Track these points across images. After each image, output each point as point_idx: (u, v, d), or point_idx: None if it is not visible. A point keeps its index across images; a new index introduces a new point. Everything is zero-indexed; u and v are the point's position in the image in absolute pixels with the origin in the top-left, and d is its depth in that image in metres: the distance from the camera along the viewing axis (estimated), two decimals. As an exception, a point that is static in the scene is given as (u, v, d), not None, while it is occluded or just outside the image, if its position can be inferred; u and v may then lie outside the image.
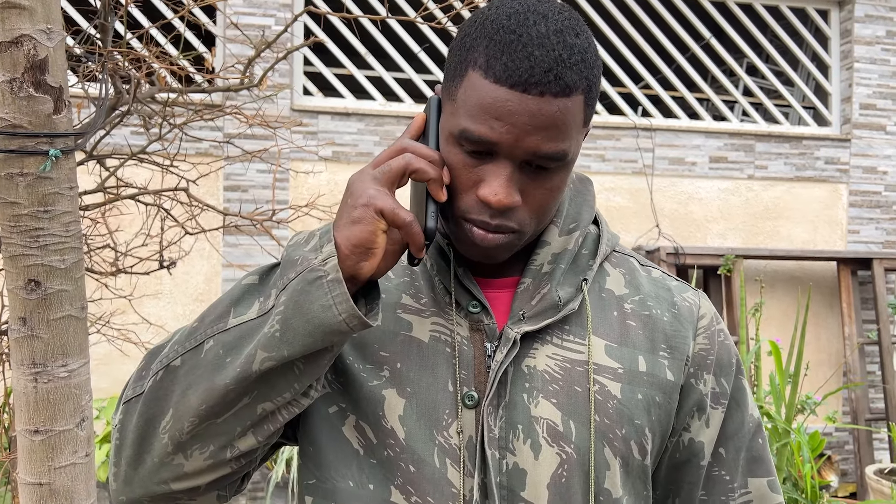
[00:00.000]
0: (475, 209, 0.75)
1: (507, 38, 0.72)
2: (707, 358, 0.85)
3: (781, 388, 3.01)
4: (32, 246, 1.23)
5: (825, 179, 5.06)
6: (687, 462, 0.86)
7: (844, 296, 4.82)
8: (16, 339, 1.27)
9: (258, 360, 0.71)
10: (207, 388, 0.73)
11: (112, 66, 1.94)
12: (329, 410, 0.82)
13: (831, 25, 5.21)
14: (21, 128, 1.19)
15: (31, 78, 1.18)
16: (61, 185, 1.25)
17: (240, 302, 0.76)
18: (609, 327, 0.83)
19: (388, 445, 0.79)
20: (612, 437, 0.79)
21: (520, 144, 0.72)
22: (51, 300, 1.25)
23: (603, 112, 4.94)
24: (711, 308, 0.90)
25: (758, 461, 0.89)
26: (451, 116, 0.75)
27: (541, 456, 0.78)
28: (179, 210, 2.59)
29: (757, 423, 0.90)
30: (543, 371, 0.80)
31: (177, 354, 0.76)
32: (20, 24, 1.16)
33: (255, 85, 2.24)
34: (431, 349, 0.81)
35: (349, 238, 0.71)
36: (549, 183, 0.76)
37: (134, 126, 3.09)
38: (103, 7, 1.83)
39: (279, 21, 4.28)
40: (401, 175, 0.73)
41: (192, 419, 0.73)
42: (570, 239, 0.84)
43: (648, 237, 4.77)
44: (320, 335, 0.70)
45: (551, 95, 0.71)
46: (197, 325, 0.77)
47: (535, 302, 0.81)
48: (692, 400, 0.85)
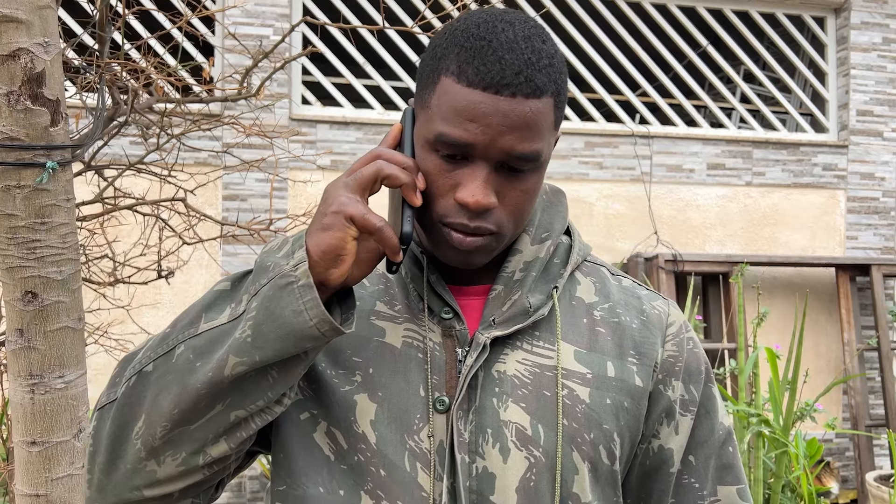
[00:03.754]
0: (453, 213, 0.77)
1: (478, 45, 0.74)
2: (675, 365, 0.87)
3: (779, 396, 3.00)
4: (29, 258, 1.23)
5: (823, 186, 5.07)
6: (657, 469, 0.87)
7: (843, 302, 4.82)
8: (13, 351, 1.27)
9: (230, 365, 0.71)
10: (179, 392, 0.73)
11: (110, 76, 1.95)
12: (301, 417, 0.82)
13: (828, 32, 5.23)
14: (18, 140, 1.20)
15: (29, 91, 1.18)
16: (58, 196, 1.25)
17: (211, 307, 0.77)
18: (578, 333, 0.85)
19: (359, 450, 0.79)
20: (581, 441, 0.80)
21: (494, 145, 0.74)
22: (48, 312, 1.26)
23: (601, 120, 4.95)
24: (681, 316, 0.91)
25: (728, 469, 0.89)
26: (426, 123, 0.77)
27: (510, 460, 0.78)
28: (177, 220, 2.59)
29: (727, 431, 0.91)
30: (513, 376, 0.81)
31: (149, 360, 0.76)
32: (17, 37, 1.17)
33: (252, 95, 2.25)
34: (404, 355, 0.81)
35: (318, 244, 0.72)
36: (524, 185, 0.78)
37: (132, 136, 3.10)
38: (101, 18, 1.84)
39: (277, 31, 4.29)
40: (373, 181, 0.74)
41: (164, 424, 0.74)
42: (541, 248, 0.85)
43: (647, 244, 4.78)
44: (291, 340, 0.71)
45: (523, 96, 0.73)
46: (169, 331, 0.78)
47: (506, 308, 0.82)
48: (661, 406, 0.86)
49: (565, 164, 4.75)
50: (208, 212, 4.00)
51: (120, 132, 2.09)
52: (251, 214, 4.10)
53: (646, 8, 4.99)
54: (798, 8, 5.16)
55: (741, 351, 3.10)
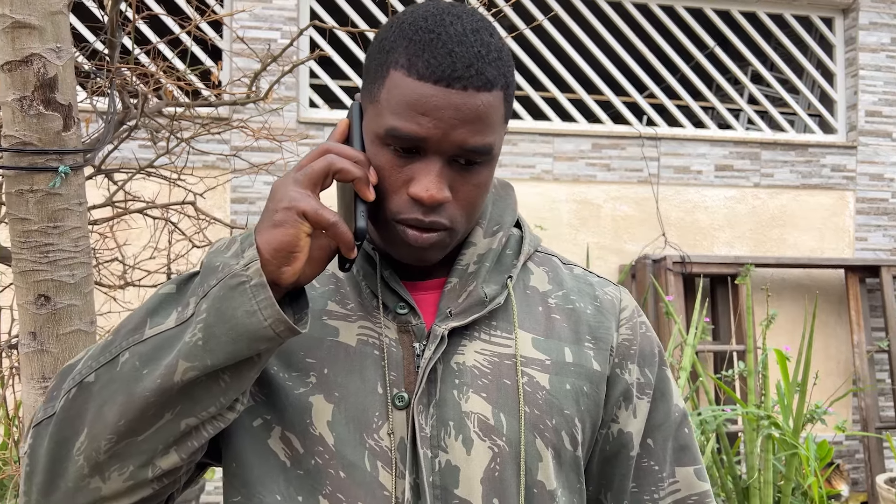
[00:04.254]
0: (407, 208, 0.75)
1: (427, 38, 0.73)
2: (630, 348, 0.87)
3: (789, 398, 2.99)
4: (42, 261, 1.24)
5: (832, 187, 5.05)
6: (617, 454, 0.87)
7: (853, 304, 4.80)
8: (26, 354, 1.28)
9: (180, 371, 0.68)
10: (125, 402, 0.70)
11: (120, 81, 1.96)
12: (253, 424, 0.79)
13: (836, 33, 5.21)
14: (31, 145, 1.21)
15: (41, 96, 1.19)
16: (70, 200, 1.26)
17: (156, 312, 0.73)
18: (535, 321, 0.85)
19: (316, 453, 0.77)
20: (543, 427, 0.80)
21: (447, 139, 0.73)
22: (60, 315, 1.27)
23: (608, 121, 4.95)
24: (633, 301, 0.92)
25: (685, 450, 0.90)
26: (376, 118, 0.76)
27: (473, 451, 0.78)
28: (186, 223, 2.61)
29: (682, 413, 0.91)
30: (472, 366, 0.80)
31: (90, 370, 0.72)
32: (30, 43, 1.18)
33: (261, 98, 2.26)
34: (359, 353, 0.80)
35: (270, 242, 0.69)
36: (477, 178, 0.77)
37: (141, 140, 3.12)
38: (111, 23, 1.85)
39: (285, 34, 4.31)
40: (324, 176, 0.72)
41: (109, 437, 0.70)
42: (494, 239, 0.85)
43: (654, 246, 4.77)
44: (245, 342, 0.68)
45: (474, 89, 0.73)
46: (112, 339, 0.74)
47: (462, 299, 0.82)
48: (618, 390, 0.86)
49: (572, 165, 4.74)
50: (217, 215, 4.02)
51: (130, 136, 2.10)
52: (259, 217, 4.11)
53: (652, 9, 4.99)
54: (806, 9, 5.14)
55: (750, 353, 3.09)
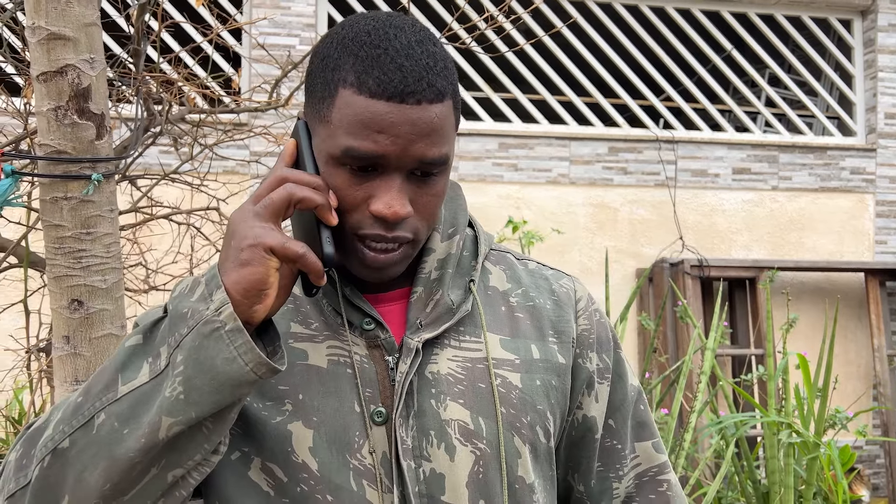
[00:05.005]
0: (367, 224, 0.75)
1: (374, 53, 0.72)
2: (589, 337, 0.90)
3: (810, 403, 2.98)
4: (75, 267, 1.27)
5: (851, 190, 5.01)
6: (582, 438, 0.90)
7: (873, 307, 4.76)
8: (59, 357, 1.31)
9: (164, 427, 0.67)
10: (108, 465, 0.67)
11: (145, 89, 2.00)
12: (232, 458, 0.78)
13: (854, 35, 5.18)
14: (65, 153, 1.24)
15: (75, 106, 1.22)
16: (102, 207, 1.29)
17: (126, 366, 0.70)
18: (500, 322, 0.86)
19: (300, 480, 0.76)
20: (520, 425, 0.82)
21: (406, 154, 0.73)
22: (93, 319, 1.29)
23: (624, 125, 4.94)
24: (586, 290, 0.94)
25: (642, 426, 0.94)
26: (329, 138, 0.74)
27: (456, 457, 0.79)
28: (209, 228, 2.64)
29: (637, 391, 0.95)
30: (447, 374, 0.81)
31: (64, 435, 0.69)
32: (65, 54, 1.21)
33: (281, 105, 2.29)
34: (331, 374, 0.79)
35: (239, 282, 0.67)
36: (434, 188, 0.77)
37: (162, 146, 3.16)
38: (137, 33, 1.89)
39: (303, 41, 4.35)
40: (285, 207, 0.70)
41: (95, 502, 0.68)
42: (451, 243, 0.85)
43: (672, 249, 4.76)
44: (228, 390, 0.67)
45: (427, 102, 0.73)
46: (82, 400, 0.71)
47: (430, 309, 0.82)
48: (582, 378, 0.89)
49: (589, 169, 4.75)
50: (236, 220, 4.05)
51: (154, 142, 2.14)
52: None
53: (669, 12, 4.98)
54: (824, 11, 5.11)
55: (769, 357, 3.08)
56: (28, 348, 2.02)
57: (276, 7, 4.37)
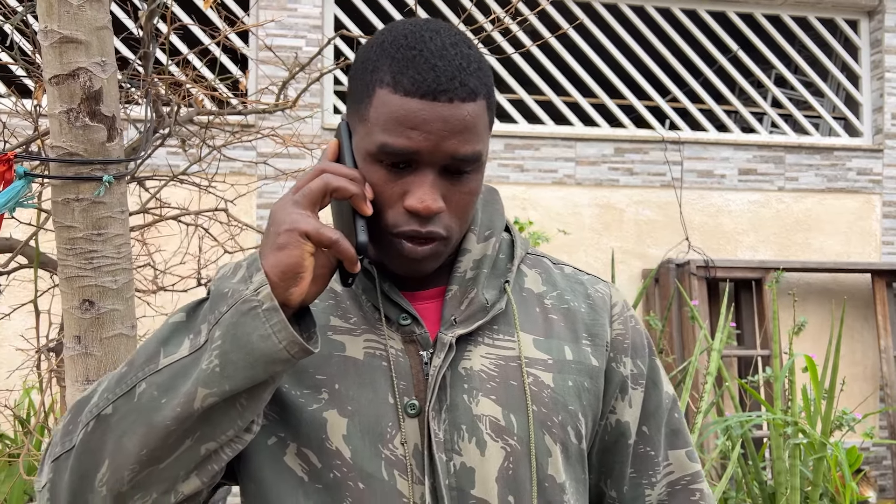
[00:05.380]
0: (404, 221, 0.78)
1: (409, 54, 0.76)
2: (623, 342, 0.91)
3: (817, 403, 2.98)
4: (87, 267, 1.28)
5: (857, 190, 5.00)
6: (615, 443, 0.91)
7: (879, 308, 4.75)
8: (70, 357, 1.32)
9: (199, 398, 0.70)
10: (146, 432, 0.71)
11: (154, 91, 2.01)
12: (268, 442, 0.81)
13: (861, 35, 5.17)
14: (77, 155, 1.25)
15: (87, 108, 1.24)
16: (113, 209, 1.31)
17: (169, 341, 0.75)
18: (534, 323, 0.88)
19: (334, 467, 0.79)
20: (551, 424, 0.83)
21: (438, 150, 0.76)
22: (104, 319, 1.31)
23: (630, 125, 4.94)
24: (622, 296, 0.95)
25: (676, 434, 0.95)
26: (366, 136, 0.78)
27: (487, 452, 0.80)
28: (217, 229, 2.66)
29: (672, 399, 0.95)
30: (480, 371, 0.83)
31: (107, 402, 0.73)
32: (77, 57, 1.23)
33: (289, 106, 2.30)
34: (368, 365, 0.82)
35: (276, 265, 0.71)
36: (468, 186, 0.80)
37: (170, 147, 3.18)
38: (146, 36, 1.90)
39: (310, 42, 4.37)
40: (322, 195, 0.74)
41: (132, 467, 0.72)
42: (487, 245, 0.88)
43: (678, 250, 4.76)
44: (262, 366, 0.70)
45: (459, 100, 0.76)
46: (126, 371, 0.75)
47: (465, 306, 0.84)
48: (615, 382, 0.90)
49: (595, 170, 4.75)
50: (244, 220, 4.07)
51: (163, 144, 2.15)
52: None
53: (675, 13, 4.99)
54: (830, 11, 5.11)
55: (776, 358, 3.08)
56: (38, 348, 2.04)
57: (283, 9, 4.38)
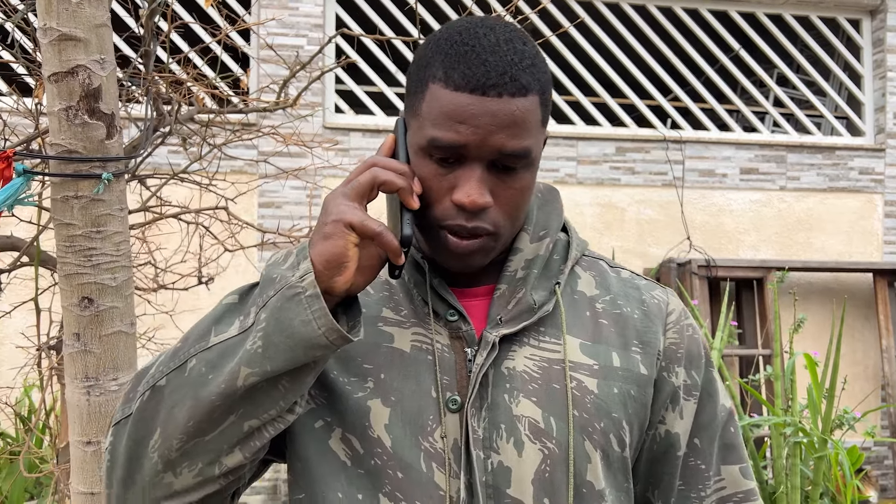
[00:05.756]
0: (451, 215, 0.79)
1: (462, 50, 0.77)
2: (677, 352, 0.89)
3: (818, 403, 2.97)
4: (86, 265, 1.29)
5: (859, 190, 4.99)
6: (664, 454, 0.89)
7: (881, 307, 4.74)
8: (70, 354, 1.32)
9: (242, 376, 0.73)
10: (193, 405, 0.75)
11: (155, 90, 2.01)
12: (315, 425, 0.83)
13: (863, 35, 5.16)
14: (76, 153, 1.25)
15: (86, 105, 1.24)
16: (112, 206, 1.31)
17: (220, 321, 0.79)
18: (582, 326, 0.87)
19: (375, 454, 0.81)
20: (592, 430, 0.82)
21: (485, 144, 0.76)
22: (103, 317, 1.31)
23: (632, 125, 4.94)
24: (680, 304, 0.93)
25: (730, 449, 0.92)
26: (418, 130, 0.79)
27: (524, 453, 0.80)
28: (218, 227, 2.66)
29: (729, 413, 0.93)
30: (522, 371, 0.83)
31: (162, 374, 0.78)
32: (76, 55, 1.23)
33: (289, 105, 2.30)
34: (413, 358, 0.83)
35: (322, 254, 0.73)
36: (518, 183, 0.80)
37: (171, 145, 3.19)
38: (146, 33, 1.91)
39: (312, 41, 4.37)
40: (370, 188, 0.76)
41: (180, 436, 0.75)
42: (540, 245, 0.87)
43: (679, 249, 4.75)
44: (301, 350, 0.72)
45: (509, 95, 0.76)
46: (180, 345, 0.79)
47: (512, 306, 0.84)
48: (665, 392, 0.88)
49: (596, 169, 4.75)
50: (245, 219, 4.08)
51: (163, 142, 2.15)
52: (287, 221, 4.17)
53: (677, 12, 4.98)
54: (832, 10, 5.10)
55: (777, 357, 3.08)
56: (38, 346, 2.04)
57: (284, 8, 4.39)
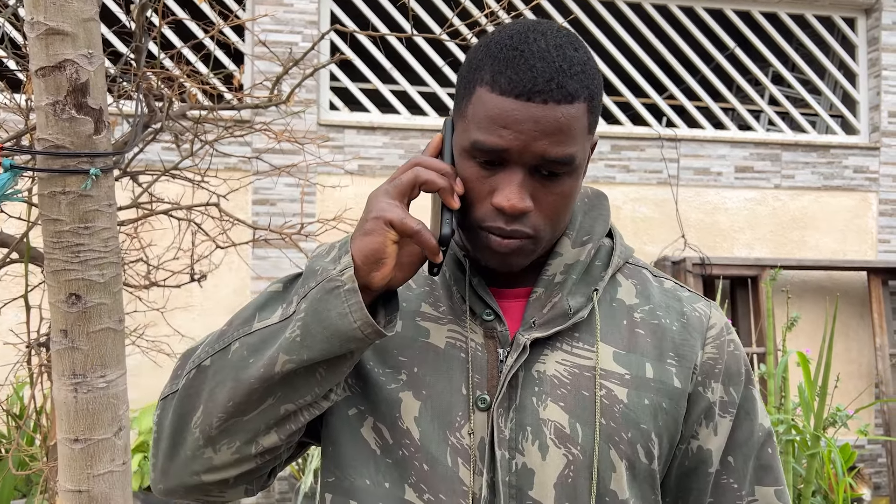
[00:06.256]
0: (491, 217, 0.79)
1: (511, 55, 0.77)
2: (715, 367, 0.88)
3: (811, 400, 2.97)
4: (73, 261, 1.27)
5: (854, 188, 5.00)
6: (695, 469, 0.88)
7: (875, 306, 4.75)
8: (57, 351, 1.31)
9: (280, 363, 0.76)
10: (234, 386, 0.78)
11: (146, 85, 2.00)
12: (349, 412, 0.86)
13: (858, 33, 5.16)
14: (63, 148, 1.24)
15: (74, 100, 1.23)
16: (101, 202, 1.30)
17: (264, 308, 0.82)
18: (618, 335, 0.86)
19: (403, 445, 0.83)
20: (618, 440, 0.82)
21: (528, 150, 0.76)
22: (90, 313, 1.30)
23: (627, 123, 4.94)
24: (723, 318, 0.92)
25: (766, 469, 0.90)
26: (463, 132, 0.81)
27: (548, 457, 0.81)
28: (210, 224, 2.65)
29: (767, 433, 0.91)
30: (552, 376, 0.83)
31: (207, 355, 0.82)
32: (63, 49, 1.22)
33: (283, 102, 2.29)
34: (447, 355, 0.85)
35: (361, 249, 0.75)
36: (560, 188, 0.80)
37: (165, 142, 3.17)
38: (138, 29, 1.89)
39: (306, 38, 4.35)
40: (411, 187, 0.78)
41: (220, 415, 0.79)
42: (582, 251, 0.87)
43: (674, 248, 4.75)
44: (337, 341, 0.75)
45: (554, 102, 0.76)
46: (226, 329, 0.83)
47: (546, 310, 0.85)
48: (700, 408, 0.87)
49: (591, 167, 4.74)
50: (239, 216, 4.07)
51: (155, 139, 2.14)
52: (281, 219, 4.16)
53: (672, 10, 4.98)
54: (827, 9, 5.10)
55: (770, 355, 3.08)
56: (29, 343, 2.03)
57: (279, 4, 4.37)
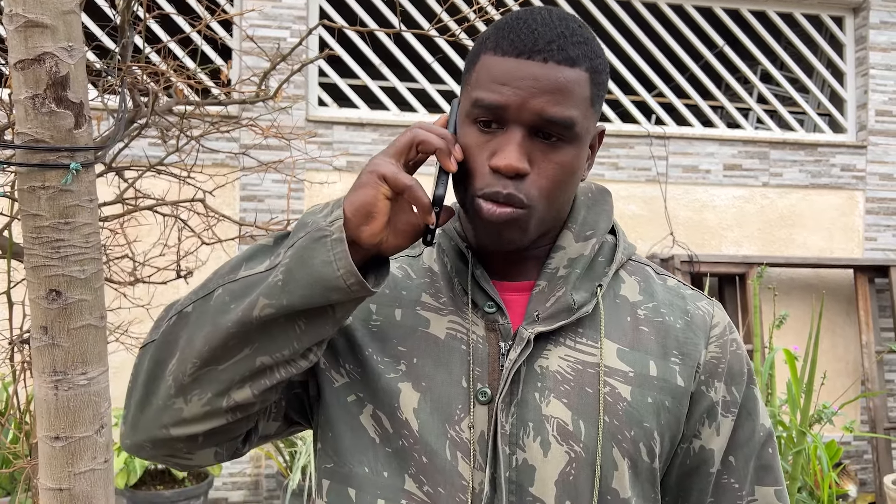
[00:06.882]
0: (488, 182, 0.79)
1: (515, 24, 0.80)
2: (718, 366, 0.87)
3: (797, 397, 2.99)
4: (53, 257, 1.26)
5: (841, 187, 5.03)
6: (696, 469, 0.88)
7: (861, 304, 4.78)
8: (37, 348, 1.30)
9: (259, 307, 0.75)
10: (211, 331, 0.77)
11: (131, 80, 1.98)
12: (348, 399, 0.85)
13: (846, 32, 5.19)
14: (43, 142, 1.22)
15: (53, 94, 1.21)
16: (81, 197, 1.28)
17: (251, 259, 0.81)
18: (622, 332, 0.85)
19: (402, 436, 0.82)
20: (621, 437, 0.81)
21: (526, 107, 0.76)
22: (71, 310, 1.28)
23: (616, 120, 4.94)
24: (726, 318, 0.91)
25: (767, 470, 0.90)
26: (466, 99, 0.81)
27: (550, 453, 0.80)
28: (196, 220, 2.63)
29: (768, 433, 0.91)
30: (556, 371, 0.82)
31: (189, 302, 0.81)
32: (42, 41, 1.20)
33: (270, 97, 2.28)
34: (447, 346, 0.84)
35: (353, 201, 0.75)
36: (559, 156, 0.79)
37: (151, 138, 3.15)
38: (123, 22, 1.87)
39: (294, 33, 4.33)
40: (408, 147, 0.78)
41: (194, 361, 0.77)
42: (586, 245, 0.86)
43: (663, 245, 4.76)
44: (319, 289, 0.74)
45: (554, 63, 0.77)
46: (210, 278, 0.83)
47: (550, 304, 0.83)
48: (702, 407, 0.86)
49: (581, 164, 4.75)
50: (226, 212, 4.04)
51: (140, 134, 2.12)
52: (268, 215, 4.14)
53: (661, 8, 4.98)
54: (816, 8, 5.12)
55: (757, 352, 3.09)
56: (11, 339, 2.01)
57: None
